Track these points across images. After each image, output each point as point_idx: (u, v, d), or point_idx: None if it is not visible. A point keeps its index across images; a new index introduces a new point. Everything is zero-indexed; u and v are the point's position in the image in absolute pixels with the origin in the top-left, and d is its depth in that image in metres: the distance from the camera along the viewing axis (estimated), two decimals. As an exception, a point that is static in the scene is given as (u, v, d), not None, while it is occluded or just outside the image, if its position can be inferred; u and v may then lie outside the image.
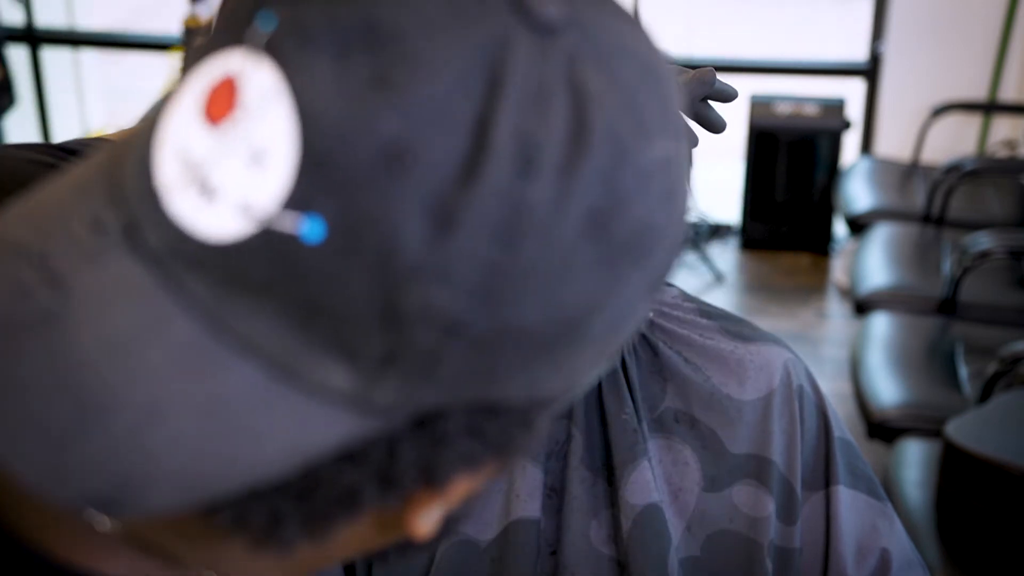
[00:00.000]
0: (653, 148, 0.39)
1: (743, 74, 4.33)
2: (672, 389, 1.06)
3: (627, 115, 0.39)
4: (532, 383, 0.40)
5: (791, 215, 4.22)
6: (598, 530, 1.03)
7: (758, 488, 1.04)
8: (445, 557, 1.02)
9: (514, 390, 0.40)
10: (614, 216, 0.38)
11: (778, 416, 1.06)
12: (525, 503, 1.02)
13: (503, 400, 0.41)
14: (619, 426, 1.04)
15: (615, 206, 0.38)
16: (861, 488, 1.07)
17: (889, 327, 2.63)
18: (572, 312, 0.39)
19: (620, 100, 0.39)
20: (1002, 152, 3.92)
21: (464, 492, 0.45)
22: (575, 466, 1.04)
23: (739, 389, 1.06)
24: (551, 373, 0.41)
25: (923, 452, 2.13)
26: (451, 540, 1.03)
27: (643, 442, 1.04)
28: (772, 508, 1.04)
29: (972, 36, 3.98)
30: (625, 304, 0.41)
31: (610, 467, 1.04)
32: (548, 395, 0.42)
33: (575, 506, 1.03)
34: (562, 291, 0.38)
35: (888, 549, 1.06)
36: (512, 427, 0.42)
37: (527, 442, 0.43)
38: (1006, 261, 2.87)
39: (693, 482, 1.04)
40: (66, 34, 4.74)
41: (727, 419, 1.05)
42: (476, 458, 0.42)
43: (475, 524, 1.03)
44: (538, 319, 0.38)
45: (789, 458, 1.05)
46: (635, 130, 0.39)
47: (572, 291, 0.38)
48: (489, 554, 1.03)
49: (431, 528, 0.45)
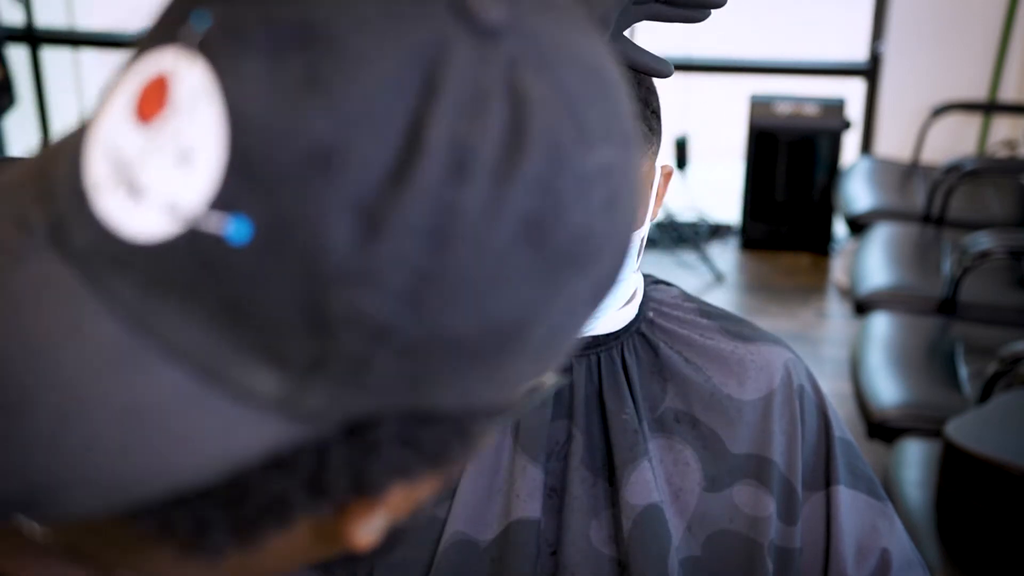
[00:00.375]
0: (595, 155, 0.39)
1: (743, 74, 4.33)
2: (673, 389, 1.06)
3: (568, 121, 0.38)
4: (467, 392, 0.40)
5: (791, 215, 4.22)
6: (599, 530, 1.03)
7: (758, 488, 1.04)
8: (445, 557, 1.02)
9: (448, 399, 0.39)
10: (551, 223, 0.38)
11: (779, 416, 1.06)
12: (525, 503, 1.02)
13: (437, 409, 0.40)
14: (620, 426, 1.04)
15: (552, 213, 0.38)
16: (861, 488, 1.07)
17: (889, 327, 2.63)
18: (507, 321, 0.38)
19: (561, 106, 0.38)
20: (1002, 152, 3.92)
21: (405, 503, 0.44)
22: (575, 466, 1.04)
23: (739, 389, 1.06)
24: (487, 382, 0.40)
25: (923, 452, 2.13)
26: (449, 540, 1.03)
27: (643, 442, 1.04)
28: (773, 508, 1.04)
29: (972, 36, 3.98)
30: (566, 313, 0.40)
31: (611, 467, 1.04)
32: (486, 405, 0.41)
33: (576, 506, 1.03)
34: (496, 299, 0.37)
35: (888, 549, 1.06)
36: (448, 436, 0.41)
37: (464, 452, 0.42)
38: (1006, 261, 2.87)
39: (694, 482, 1.04)
40: (66, 34, 4.74)
41: (727, 419, 1.05)
42: (410, 467, 0.41)
43: (475, 524, 1.03)
44: (471, 327, 0.37)
45: (790, 458, 1.05)
46: (576, 137, 0.38)
47: (507, 299, 0.38)
48: (489, 554, 1.03)
49: (371, 539, 0.44)
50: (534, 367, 0.42)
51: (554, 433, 1.05)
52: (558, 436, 1.05)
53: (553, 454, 1.05)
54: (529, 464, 1.03)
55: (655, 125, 0.98)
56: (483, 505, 1.04)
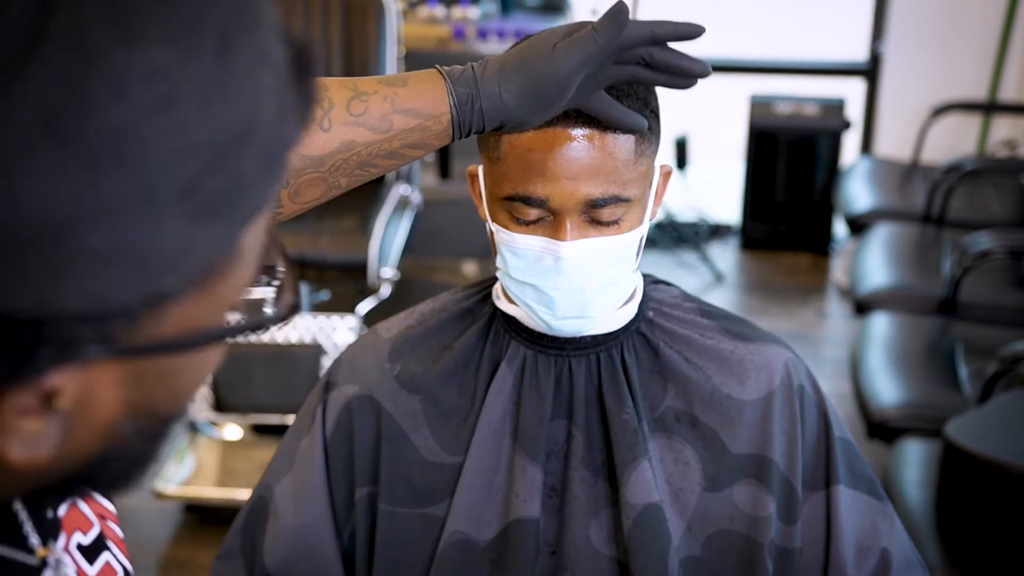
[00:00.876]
0: (140, 56, 0.40)
1: (743, 74, 4.33)
2: (673, 389, 1.06)
3: (105, 21, 0.39)
4: (37, 295, 0.40)
5: (791, 215, 4.22)
6: (599, 530, 1.03)
7: (759, 488, 1.04)
8: (445, 556, 1.02)
9: (17, 301, 0.40)
10: (81, 120, 0.39)
11: (779, 416, 1.06)
12: (525, 503, 1.02)
13: (11, 311, 0.40)
14: (620, 426, 1.04)
15: (79, 110, 0.38)
16: (861, 488, 1.07)
17: (889, 327, 2.63)
18: (44, 215, 0.39)
19: (98, 5, 0.39)
20: (1002, 152, 3.92)
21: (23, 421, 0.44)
22: (575, 466, 1.04)
23: (740, 389, 1.06)
24: (57, 283, 0.40)
25: (923, 452, 2.13)
26: (449, 540, 1.03)
27: (643, 442, 1.03)
28: (773, 508, 1.04)
29: (972, 36, 3.98)
30: (121, 209, 0.40)
31: (611, 467, 1.04)
32: (73, 310, 0.41)
33: (576, 506, 1.03)
34: (21, 191, 0.38)
35: (888, 549, 1.06)
36: (33, 341, 0.41)
37: (55, 360, 0.42)
38: (1006, 261, 2.87)
39: (694, 482, 1.04)
40: (66, 34, 4.73)
41: (728, 419, 1.05)
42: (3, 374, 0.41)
43: (475, 524, 1.03)
44: (2, 222, 0.38)
45: (790, 458, 1.05)
46: (116, 36, 0.39)
47: (35, 193, 0.39)
48: (489, 554, 1.03)
49: (25, 454, 0.44)
50: (120, 274, 0.41)
51: (554, 433, 1.05)
52: (558, 436, 1.05)
53: (553, 454, 1.05)
54: (528, 463, 1.03)
55: (654, 124, 0.98)
56: (482, 505, 1.04)
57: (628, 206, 0.97)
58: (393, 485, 1.06)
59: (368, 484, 1.07)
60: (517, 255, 0.99)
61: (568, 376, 1.06)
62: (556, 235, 0.97)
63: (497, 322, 1.09)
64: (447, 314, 1.11)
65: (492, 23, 3.69)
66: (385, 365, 1.09)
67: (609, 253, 0.98)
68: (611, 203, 0.96)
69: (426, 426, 1.07)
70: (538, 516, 1.02)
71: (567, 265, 0.97)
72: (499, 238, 1.00)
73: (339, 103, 0.84)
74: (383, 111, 0.84)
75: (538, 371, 1.06)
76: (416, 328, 1.11)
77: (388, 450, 1.06)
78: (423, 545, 1.05)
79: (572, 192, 0.95)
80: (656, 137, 0.99)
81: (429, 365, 1.08)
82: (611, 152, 0.95)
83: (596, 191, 0.95)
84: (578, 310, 1.00)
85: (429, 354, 1.09)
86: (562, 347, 1.06)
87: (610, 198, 0.96)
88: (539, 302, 1.00)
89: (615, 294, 1.02)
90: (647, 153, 0.98)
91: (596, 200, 0.95)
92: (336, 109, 0.84)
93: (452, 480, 1.05)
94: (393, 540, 1.05)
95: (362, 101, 0.84)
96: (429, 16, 3.75)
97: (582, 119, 0.93)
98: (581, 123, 0.94)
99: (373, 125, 0.84)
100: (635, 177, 0.97)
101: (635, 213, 0.99)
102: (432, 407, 1.07)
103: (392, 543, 1.06)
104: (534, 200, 0.96)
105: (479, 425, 1.05)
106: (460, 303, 1.12)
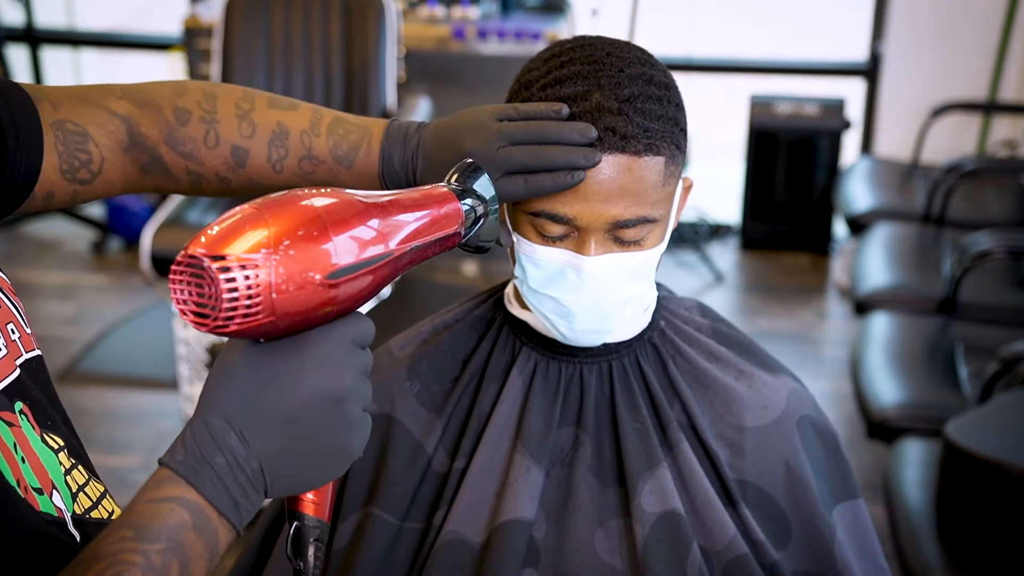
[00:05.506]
0: None
1: (743, 74, 4.33)
2: (678, 405, 1.07)
3: None
4: None
5: (791, 215, 4.22)
6: (604, 539, 1.02)
7: (755, 512, 1.04)
8: (436, 557, 1.02)
9: None
10: None
11: (779, 445, 1.06)
12: (519, 506, 1.02)
13: None
14: (633, 434, 1.03)
15: None
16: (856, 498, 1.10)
17: (889, 327, 2.63)
18: None
19: None
20: (1002, 152, 3.92)
21: None
22: (583, 473, 1.04)
23: (740, 417, 1.06)
24: None
25: (923, 452, 2.13)
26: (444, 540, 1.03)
27: (660, 450, 1.03)
28: (769, 533, 1.04)
29: (972, 36, 3.98)
30: None
31: (622, 476, 1.03)
32: None
33: (581, 514, 1.03)
34: None
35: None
36: None
37: None
38: (1006, 261, 2.87)
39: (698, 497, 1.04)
40: (66, 34, 4.74)
41: (725, 442, 1.06)
42: None
43: (470, 526, 1.03)
44: None
45: (789, 486, 1.06)
46: None
47: None
48: (480, 555, 1.02)
49: None
50: None
51: (560, 439, 1.05)
52: (564, 442, 1.05)
53: (558, 460, 1.05)
54: (532, 467, 1.03)
55: (683, 143, 0.97)
56: (480, 507, 1.03)
57: (653, 226, 0.97)
58: (400, 499, 1.05)
59: (357, 509, 1.07)
60: (538, 267, 0.99)
61: (579, 382, 1.05)
62: (580, 250, 0.96)
63: (508, 327, 1.09)
64: (461, 325, 1.11)
65: (492, 23, 3.69)
66: (405, 384, 1.09)
67: (631, 270, 0.98)
68: (638, 224, 0.96)
69: (441, 439, 1.07)
70: (531, 518, 1.02)
71: (589, 280, 0.97)
72: (521, 249, 1.00)
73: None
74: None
75: (548, 376, 1.06)
76: (431, 343, 1.11)
77: (399, 466, 1.06)
78: (420, 544, 1.05)
79: (600, 213, 0.94)
80: (684, 156, 0.99)
81: (447, 381, 1.09)
82: (641, 176, 0.94)
83: (625, 213, 0.95)
84: (596, 324, 1.00)
85: (446, 369, 1.09)
86: (574, 353, 1.06)
87: (638, 220, 0.95)
88: (558, 314, 1.00)
89: (634, 308, 1.02)
90: (675, 174, 0.98)
91: (624, 222, 0.95)
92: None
93: (455, 486, 1.05)
94: (387, 553, 1.05)
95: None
96: (429, 16, 3.75)
97: (613, 143, 0.93)
98: (613, 148, 0.93)
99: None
100: (662, 198, 0.97)
101: (658, 231, 0.99)
102: (448, 419, 1.07)
103: (385, 556, 1.05)
104: (561, 218, 0.95)
105: (487, 430, 1.05)
106: (471, 312, 1.12)
